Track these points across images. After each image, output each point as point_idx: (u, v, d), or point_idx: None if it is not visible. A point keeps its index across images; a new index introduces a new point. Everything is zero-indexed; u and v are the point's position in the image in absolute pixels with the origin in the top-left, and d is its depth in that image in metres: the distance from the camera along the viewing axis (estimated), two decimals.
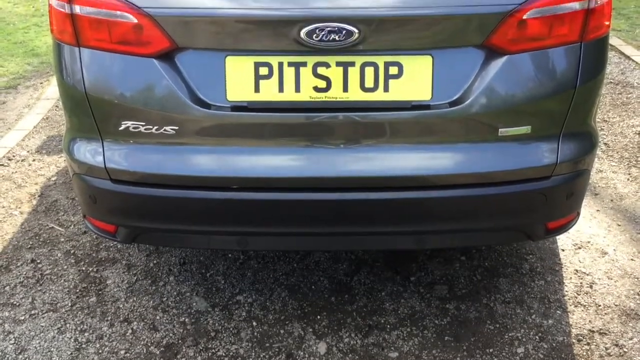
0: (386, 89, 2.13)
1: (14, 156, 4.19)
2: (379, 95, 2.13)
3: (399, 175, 2.23)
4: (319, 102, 2.14)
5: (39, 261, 3.12)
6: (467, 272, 2.98)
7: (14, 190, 3.78)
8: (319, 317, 2.73)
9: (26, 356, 2.56)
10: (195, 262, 3.08)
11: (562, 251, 3.11)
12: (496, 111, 2.17)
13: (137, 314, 2.77)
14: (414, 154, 2.23)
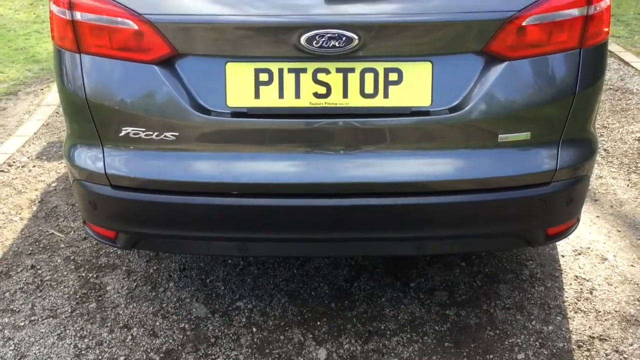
0: (386, 95, 2.14)
1: (14, 162, 4.20)
2: (379, 101, 2.14)
3: (399, 181, 2.23)
4: (319, 108, 2.14)
5: (39, 267, 3.12)
6: (467, 278, 2.98)
7: (14, 196, 3.78)
8: (319, 323, 2.73)
9: None
10: (195, 268, 3.08)
11: (562, 257, 3.11)
12: (496, 117, 2.18)
13: (137, 320, 2.77)
14: (414, 160, 2.23)
